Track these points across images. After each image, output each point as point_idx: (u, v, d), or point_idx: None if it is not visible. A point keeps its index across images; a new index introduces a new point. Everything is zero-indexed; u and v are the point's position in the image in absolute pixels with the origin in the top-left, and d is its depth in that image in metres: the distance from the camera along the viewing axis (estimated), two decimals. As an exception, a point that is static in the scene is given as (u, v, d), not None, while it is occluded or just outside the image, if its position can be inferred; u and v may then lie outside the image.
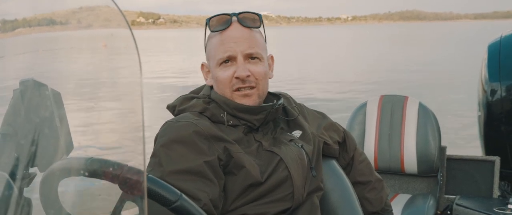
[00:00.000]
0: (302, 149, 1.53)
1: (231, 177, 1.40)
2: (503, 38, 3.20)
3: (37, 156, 0.97)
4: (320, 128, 1.68)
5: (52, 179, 0.95)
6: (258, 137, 1.49)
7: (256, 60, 1.50)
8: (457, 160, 3.13)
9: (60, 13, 1.04)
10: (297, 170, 1.47)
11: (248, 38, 1.49)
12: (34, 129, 1.00)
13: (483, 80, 3.16)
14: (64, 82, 1.09)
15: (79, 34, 1.03)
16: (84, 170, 0.91)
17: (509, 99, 3.01)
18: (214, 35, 1.52)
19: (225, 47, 1.48)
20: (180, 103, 1.54)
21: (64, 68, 1.19)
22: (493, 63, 3.12)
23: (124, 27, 0.81)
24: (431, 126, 3.02)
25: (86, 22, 1.03)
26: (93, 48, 1.08)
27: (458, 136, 7.39)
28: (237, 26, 1.50)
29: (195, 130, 1.39)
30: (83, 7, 1.00)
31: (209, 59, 1.56)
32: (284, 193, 1.44)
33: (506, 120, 3.02)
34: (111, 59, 0.96)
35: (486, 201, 2.82)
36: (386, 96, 3.21)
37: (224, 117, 1.47)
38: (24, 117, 0.98)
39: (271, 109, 1.50)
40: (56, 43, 1.14)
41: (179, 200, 0.90)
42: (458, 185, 3.11)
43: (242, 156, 1.41)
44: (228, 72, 1.48)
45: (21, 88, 0.98)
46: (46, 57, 1.17)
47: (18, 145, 0.95)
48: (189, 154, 1.36)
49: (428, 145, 2.99)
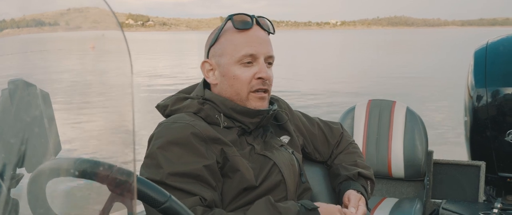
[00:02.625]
0: (293, 155, 1.55)
1: (226, 180, 1.41)
2: (489, 45, 3.24)
3: (25, 157, 0.97)
4: (306, 135, 1.70)
5: (40, 179, 0.95)
6: (250, 140, 1.50)
7: (271, 66, 1.52)
8: (443, 164, 3.16)
9: (48, 14, 1.04)
10: (289, 175, 1.49)
11: (268, 41, 1.51)
12: (23, 129, 1.00)
13: (469, 86, 3.19)
14: (53, 83, 1.08)
15: (68, 36, 1.03)
16: (73, 171, 0.91)
17: (495, 105, 3.04)
18: (233, 32, 1.49)
19: (250, 45, 1.47)
20: (173, 103, 1.52)
21: (53, 69, 1.18)
22: (479, 69, 3.15)
23: (115, 28, 0.81)
24: (418, 130, 3.05)
25: (74, 23, 1.03)
26: (82, 50, 1.08)
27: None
28: (258, 28, 1.51)
29: (193, 131, 1.38)
30: (71, 9, 1.00)
31: (221, 55, 1.51)
32: (278, 197, 1.45)
33: (491, 126, 3.06)
34: (101, 61, 0.96)
35: (472, 206, 2.85)
36: (374, 101, 3.23)
37: (219, 118, 1.47)
38: (13, 117, 0.98)
39: (267, 113, 1.51)
40: (44, 44, 1.14)
41: (168, 201, 0.90)
42: (444, 189, 3.14)
43: (238, 159, 1.41)
44: (249, 72, 1.47)
45: (10, 88, 0.98)
46: (35, 58, 1.16)
47: (6, 145, 0.94)
48: (187, 157, 1.35)
49: (415, 149, 3.01)
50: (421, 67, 23.18)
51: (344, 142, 1.77)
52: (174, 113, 1.50)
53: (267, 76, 1.46)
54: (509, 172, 3.07)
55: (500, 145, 3.02)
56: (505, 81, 3.06)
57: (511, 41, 3.24)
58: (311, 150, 1.71)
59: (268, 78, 1.47)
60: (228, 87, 1.50)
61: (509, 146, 2.99)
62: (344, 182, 1.63)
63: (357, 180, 1.63)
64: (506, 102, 3.02)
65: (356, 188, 1.59)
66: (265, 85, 1.48)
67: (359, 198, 1.54)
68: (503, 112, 3.03)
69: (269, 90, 1.51)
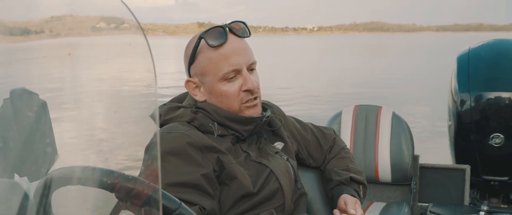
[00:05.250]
0: (288, 162, 1.55)
1: (224, 188, 1.40)
2: (471, 50, 3.30)
3: (28, 166, 0.96)
4: (299, 143, 1.71)
5: (47, 188, 0.93)
6: (245, 147, 1.49)
7: (254, 71, 1.51)
8: (429, 168, 3.20)
9: (34, 22, 1.03)
10: (286, 183, 1.49)
11: (246, 48, 1.48)
12: (25, 138, 0.99)
13: (453, 91, 3.25)
14: (52, 91, 1.08)
15: (87, 41, 1.03)
16: (81, 179, 0.90)
17: (478, 109, 3.09)
18: (209, 49, 1.45)
19: (229, 61, 1.43)
20: (166, 113, 1.51)
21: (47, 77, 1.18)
22: (462, 74, 3.21)
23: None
24: (404, 135, 3.09)
25: (56, 31, 1.03)
26: (61, 56, 1.08)
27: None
28: (234, 38, 1.46)
29: (188, 141, 1.37)
30: (54, 17, 1.00)
31: (204, 74, 1.47)
32: (276, 204, 1.45)
33: (475, 130, 3.11)
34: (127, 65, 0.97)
35: (458, 209, 2.89)
36: (360, 106, 3.26)
37: (213, 127, 1.46)
38: (16, 125, 0.97)
39: (261, 120, 1.51)
40: (30, 52, 1.14)
41: (178, 209, 0.90)
42: (431, 193, 3.18)
43: (234, 167, 1.40)
44: (235, 86, 1.46)
45: (12, 98, 0.97)
46: (35, 65, 1.16)
47: (7, 154, 0.94)
48: (184, 166, 1.34)
49: (402, 153, 3.05)
50: (405, 71, 23.47)
51: (337, 147, 1.78)
52: (167, 122, 1.48)
53: (253, 86, 1.46)
54: (493, 175, 3.13)
55: (484, 148, 3.07)
56: (488, 86, 3.12)
57: (492, 46, 3.31)
58: (305, 155, 1.72)
59: (255, 87, 1.46)
60: (218, 103, 1.49)
61: (492, 149, 3.05)
62: (337, 187, 1.64)
63: (349, 184, 1.64)
64: (489, 107, 3.08)
65: (349, 193, 1.60)
66: (254, 94, 1.48)
67: (355, 201, 1.56)
68: (487, 116, 3.09)
69: (259, 96, 1.50)
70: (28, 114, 1.00)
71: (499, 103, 3.06)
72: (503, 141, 3.02)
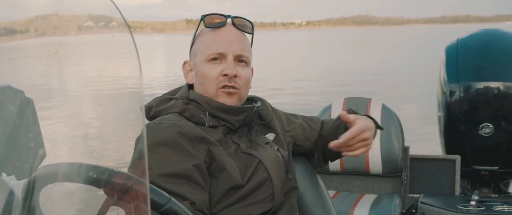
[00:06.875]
0: (278, 152, 1.55)
1: (213, 179, 1.39)
2: (459, 41, 3.31)
3: (15, 164, 0.95)
4: (293, 130, 1.70)
5: (34, 185, 0.92)
6: (236, 139, 1.49)
7: (243, 64, 1.52)
8: (419, 159, 3.22)
9: (19, 22, 1.03)
10: (275, 172, 1.48)
11: (240, 40, 1.52)
12: (11, 136, 0.98)
13: (442, 81, 3.25)
14: (38, 89, 1.07)
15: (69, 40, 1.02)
16: (69, 176, 0.89)
17: (467, 99, 3.11)
18: (206, 31, 1.53)
19: (218, 44, 1.49)
20: (157, 105, 1.51)
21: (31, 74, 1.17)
22: (451, 65, 3.22)
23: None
24: (394, 127, 3.10)
25: (41, 30, 1.02)
26: (48, 55, 1.07)
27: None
28: (231, 28, 1.52)
29: (179, 131, 1.37)
30: (39, 16, 0.99)
31: (195, 55, 1.55)
32: (265, 194, 1.44)
33: (465, 120, 3.12)
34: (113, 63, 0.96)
35: (450, 199, 2.91)
36: (350, 99, 3.27)
37: (204, 118, 1.46)
38: (0, 124, 0.96)
39: (251, 110, 1.51)
40: (16, 51, 1.13)
41: (168, 203, 0.89)
42: (422, 184, 3.20)
43: (224, 159, 1.40)
44: (216, 69, 1.48)
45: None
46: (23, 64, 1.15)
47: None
48: (175, 156, 1.34)
49: (392, 145, 3.06)
50: (396, 64, 23.52)
51: (327, 122, 1.79)
52: (158, 114, 1.49)
53: (232, 73, 1.47)
54: (483, 165, 3.14)
55: (474, 138, 3.09)
56: (476, 76, 3.14)
57: (480, 36, 3.32)
58: (302, 139, 1.71)
59: (234, 75, 1.47)
60: (199, 85, 1.52)
61: (482, 139, 3.07)
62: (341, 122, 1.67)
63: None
64: (478, 97, 3.09)
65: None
66: (232, 82, 1.48)
67: (366, 127, 1.60)
68: (476, 106, 3.10)
69: (237, 88, 1.50)
70: (13, 111, 0.99)
71: (488, 93, 3.07)
72: (492, 130, 3.03)
